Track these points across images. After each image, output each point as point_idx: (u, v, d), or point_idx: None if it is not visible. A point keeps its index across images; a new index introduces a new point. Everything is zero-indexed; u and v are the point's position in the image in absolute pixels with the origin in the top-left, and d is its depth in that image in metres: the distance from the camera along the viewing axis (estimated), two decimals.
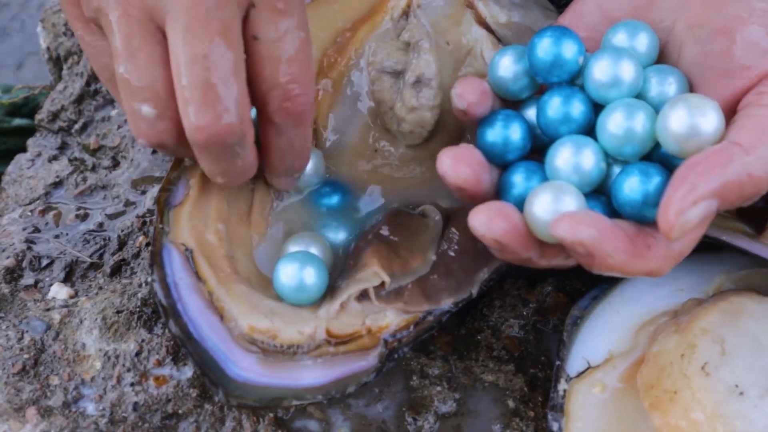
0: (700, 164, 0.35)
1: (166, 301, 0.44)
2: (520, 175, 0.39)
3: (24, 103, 0.70)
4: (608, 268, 0.36)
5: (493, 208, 0.37)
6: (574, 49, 0.39)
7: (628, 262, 0.35)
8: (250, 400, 0.42)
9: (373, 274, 0.44)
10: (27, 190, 0.60)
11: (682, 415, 0.39)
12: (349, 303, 0.44)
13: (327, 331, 0.43)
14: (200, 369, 0.42)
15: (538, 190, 0.37)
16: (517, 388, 0.47)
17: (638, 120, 0.38)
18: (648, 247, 0.36)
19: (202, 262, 0.45)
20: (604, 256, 0.35)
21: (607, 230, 0.35)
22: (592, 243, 0.34)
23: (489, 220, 0.37)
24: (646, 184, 0.37)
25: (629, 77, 0.39)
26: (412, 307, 0.44)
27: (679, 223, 0.34)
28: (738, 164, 0.35)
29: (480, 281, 0.45)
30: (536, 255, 0.38)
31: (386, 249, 0.45)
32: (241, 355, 0.43)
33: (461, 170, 0.39)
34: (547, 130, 0.40)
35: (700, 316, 0.42)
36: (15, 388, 0.47)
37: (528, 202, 0.37)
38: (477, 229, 0.37)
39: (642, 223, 0.38)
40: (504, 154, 0.40)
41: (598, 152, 0.38)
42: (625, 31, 0.40)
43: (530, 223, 0.37)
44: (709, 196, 0.34)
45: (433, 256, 0.46)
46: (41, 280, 0.53)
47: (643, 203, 0.37)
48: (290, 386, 0.42)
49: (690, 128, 0.36)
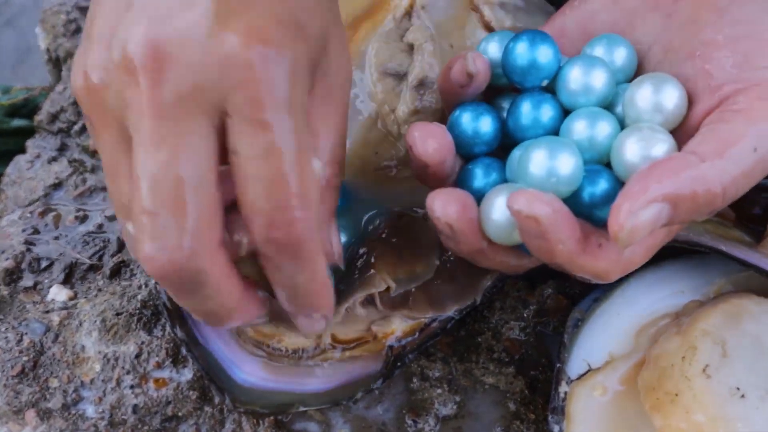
0: (654, 169, 0.34)
1: (171, 305, 0.44)
2: (481, 169, 0.39)
3: (23, 104, 0.70)
4: (558, 256, 0.35)
5: (451, 193, 0.37)
6: (549, 53, 0.39)
7: (577, 255, 0.35)
8: (257, 406, 0.42)
9: (378, 279, 0.44)
10: (26, 191, 0.59)
11: (684, 417, 0.39)
12: (355, 308, 0.44)
13: (332, 337, 0.43)
14: (206, 374, 0.42)
15: (497, 190, 0.37)
16: (518, 391, 0.47)
17: (600, 129, 0.38)
18: (599, 246, 0.36)
19: None
20: (556, 240, 0.34)
21: (563, 214, 0.34)
22: (547, 221, 0.34)
23: (445, 203, 0.36)
24: (594, 185, 0.37)
25: (600, 86, 0.39)
26: (417, 313, 0.44)
27: (628, 225, 0.33)
28: (693, 171, 0.34)
29: (483, 288, 0.45)
30: (487, 249, 0.38)
31: (391, 254, 0.45)
32: (246, 359, 0.43)
33: (429, 145, 0.38)
34: (515, 133, 0.40)
35: (701, 318, 0.42)
36: (14, 390, 0.47)
37: (485, 201, 0.37)
38: (434, 211, 0.37)
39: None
40: (472, 146, 0.40)
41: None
42: (605, 44, 0.40)
43: (484, 222, 0.37)
44: (661, 199, 0.33)
45: (437, 260, 0.46)
46: (40, 281, 0.53)
47: (590, 205, 0.37)
48: (296, 391, 0.42)
49: (642, 159, 0.36)
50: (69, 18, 0.67)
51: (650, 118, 0.38)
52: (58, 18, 0.67)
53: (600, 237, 0.36)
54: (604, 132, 0.38)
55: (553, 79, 0.40)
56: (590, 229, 0.36)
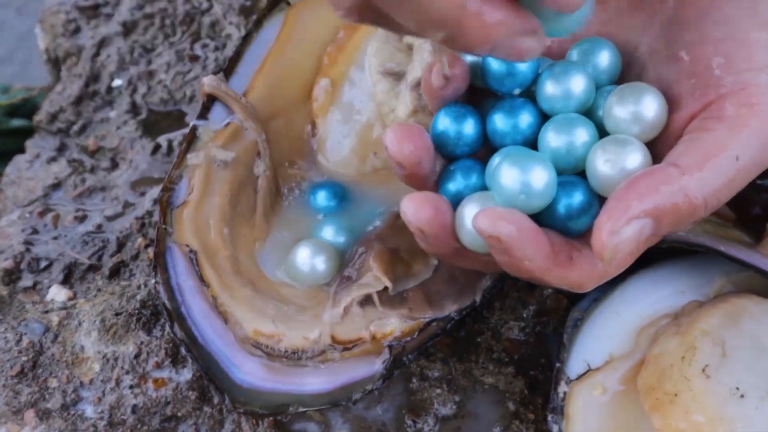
0: (635, 184, 0.34)
1: (170, 304, 0.43)
2: (460, 171, 0.39)
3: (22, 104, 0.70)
4: (526, 271, 0.35)
5: (425, 198, 0.37)
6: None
7: (548, 270, 0.35)
8: (256, 406, 0.42)
9: (375, 278, 0.44)
10: (25, 191, 0.59)
11: (683, 418, 0.39)
12: (352, 308, 0.44)
13: (332, 337, 0.43)
14: (205, 374, 0.42)
15: (471, 198, 0.37)
16: (517, 391, 0.47)
17: (578, 136, 0.38)
18: (569, 258, 0.36)
19: (206, 265, 0.45)
20: (522, 257, 0.34)
21: (528, 231, 0.34)
22: (510, 240, 0.34)
23: (418, 207, 0.37)
24: (569, 197, 0.36)
25: (579, 92, 0.39)
26: (416, 313, 0.44)
27: (611, 243, 0.33)
28: (675, 185, 0.34)
29: (483, 288, 0.45)
30: (459, 253, 0.38)
31: (388, 253, 0.45)
32: (245, 359, 0.43)
33: (405, 146, 0.38)
34: (494, 138, 0.40)
35: (701, 318, 0.42)
36: (13, 390, 0.47)
37: (460, 208, 0.37)
38: (405, 214, 0.37)
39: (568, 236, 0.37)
40: (454, 147, 0.40)
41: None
42: (588, 47, 0.40)
43: (458, 229, 0.37)
44: (643, 216, 0.34)
45: (435, 260, 0.46)
46: (40, 281, 0.53)
47: (566, 217, 0.37)
48: (295, 392, 0.42)
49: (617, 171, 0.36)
50: (68, 18, 0.67)
51: (628, 128, 0.37)
52: (57, 18, 0.67)
53: (572, 250, 0.36)
54: (581, 140, 0.37)
55: (532, 83, 0.40)
56: (561, 242, 0.36)
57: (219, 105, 0.49)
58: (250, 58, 0.51)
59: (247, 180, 0.49)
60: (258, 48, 0.52)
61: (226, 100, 0.49)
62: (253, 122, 0.49)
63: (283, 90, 0.52)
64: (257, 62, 0.51)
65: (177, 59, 0.64)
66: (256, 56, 0.52)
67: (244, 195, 0.48)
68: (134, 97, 0.63)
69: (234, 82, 0.50)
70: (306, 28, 0.53)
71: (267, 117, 0.51)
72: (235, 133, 0.49)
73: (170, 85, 0.63)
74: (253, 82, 0.51)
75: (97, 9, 0.68)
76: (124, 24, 0.66)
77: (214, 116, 0.49)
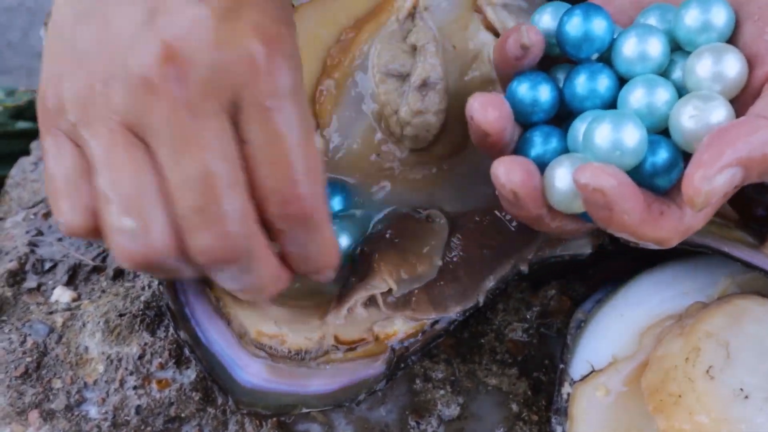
0: (725, 133, 0.35)
1: (174, 305, 0.44)
2: (540, 136, 0.40)
3: (27, 106, 0.70)
4: (623, 226, 0.36)
5: (515, 161, 0.38)
6: (603, 25, 0.40)
7: (641, 224, 0.36)
8: (260, 407, 0.42)
9: (380, 280, 0.44)
10: (30, 193, 0.60)
11: (687, 419, 0.39)
12: (356, 309, 0.44)
13: (335, 338, 0.43)
14: (209, 375, 0.42)
15: (561, 159, 0.38)
16: (521, 392, 0.47)
17: (659, 95, 0.38)
18: (661, 214, 0.36)
19: None
20: (621, 211, 0.35)
21: (627, 185, 0.35)
22: (612, 193, 0.35)
23: (510, 170, 0.37)
24: (655, 155, 0.37)
25: (656, 54, 0.40)
26: (420, 314, 0.44)
27: (705, 190, 0.34)
28: (764, 134, 0.35)
29: (486, 289, 0.45)
30: (547, 215, 0.39)
31: (393, 254, 0.45)
32: (249, 360, 0.43)
33: (490, 113, 0.39)
34: (572, 103, 0.41)
35: (705, 320, 0.42)
36: (17, 391, 0.47)
37: (549, 170, 0.38)
38: (498, 178, 0.38)
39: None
40: (530, 114, 0.41)
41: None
42: (657, 14, 0.41)
43: (547, 190, 0.38)
44: (735, 164, 0.34)
45: (440, 261, 0.46)
46: (44, 283, 0.53)
47: (652, 173, 0.37)
48: (298, 393, 0.42)
49: (701, 126, 0.37)
50: None
51: (710, 88, 0.38)
52: None
53: (661, 205, 0.37)
54: (662, 99, 0.38)
55: (608, 49, 0.41)
56: (651, 197, 0.37)
57: None
58: None
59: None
60: None
61: None
62: None
63: None
64: None
65: None
66: None
67: None
68: None
69: None
70: (310, 30, 0.53)
71: None
72: None
73: None
74: None
75: None
76: None
77: None
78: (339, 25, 0.53)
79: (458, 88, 0.50)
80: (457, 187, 0.50)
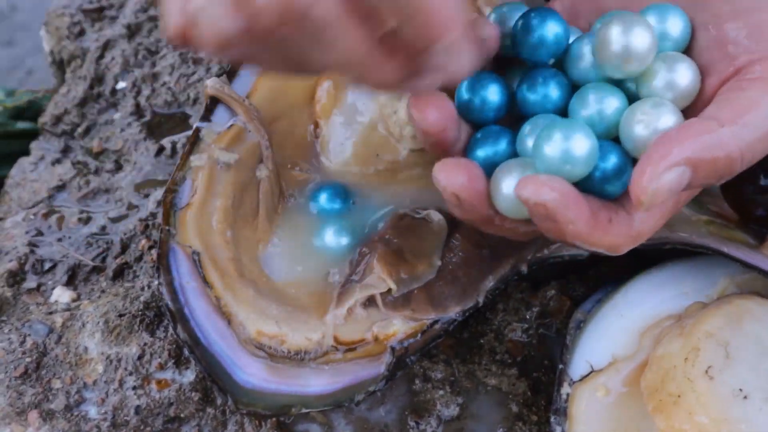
0: (674, 134, 0.35)
1: (173, 306, 0.44)
2: (489, 137, 0.40)
3: (27, 106, 0.70)
4: (570, 235, 0.36)
5: (458, 163, 0.38)
6: (558, 30, 0.40)
7: (589, 232, 0.36)
8: (259, 407, 0.42)
9: (379, 280, 0.44)
10: (30, 193, 0.60)
11: (686, 419, 0.39)
12: (356, 309, 0.44)
13: (334, 338, 0.43)
14: (208, 375, 0.42)
15: (508, 166, 0.38)
16: (520, 392, 0.47)
17: (609, 103, 0.38)
18: (609, 221, 0.36)
19: (209, 266, 0.45)
20: (566, 221, 0.35)
21: (569, 195, 0.35)
22: (554, 206, 0.34)
23: (450, 173, 0.37)
24: (604, 161, 0.37)
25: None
26: (420, 314, 0.44)
27: (651, 188, 0.34)
28: (713, 136, 0.35)
29: (486, 289, 0.45)
30: (497, 217, 0.38)
31: (392, 254, 0.45)
32: (248, 360, 0.43)
33: (429, 114, 0.38)
34: (524, 107, 0.41)
35: (705, 320, 0.42)
36: (17, 391, 0.47)
37: (495, 175, 0.38)
38: (439, 181, 0.37)
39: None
40: (479, 113, 0.41)
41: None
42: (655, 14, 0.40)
43: (494, 195, 0.38)
44: (683, 163, 0.34)
45: (439, 261, 0.46)
46: (44, 283, 0.53)
47: (601, 180, 0.37)
48: (298, 393, 0.42)
49: (651, 132, 0.37)
50: (73, 21, 0.67)
51: (662, 96, 0.38)
52: (63, 20, 0.68)
53: (609, 212, 0.37)
54: (612, 106, 0.38)
55: (563, 54, 0.41)
56: (598, 205, 0.37)
57: (222, 107, 0.49)
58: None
59: (250, 182, 0.49)
60: None
61: (229, 102, 0.49)
62: (256, 124, 0.49)
63: (286, 92, 0.52)
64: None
65: (181, 61, 0.64)
66: None
67: (248, 197, 0.48)
68: (138, 99, 0.63)
69: (237, 85, 0.50)
70: None
71: (270, 119, 0.51)
72: (238, 135, 0.49)
73: (174, 87, 0.63)
74: (256, 84, 0.51)
75: (101, 12, 0.68)
76: (128, 26, 0.66)
77: (217, 118, 0.49)
78: None
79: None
80: None
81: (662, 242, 0.44)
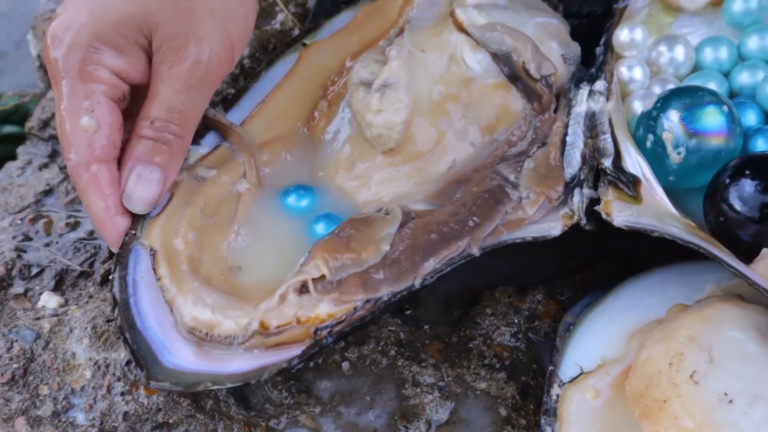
0: None
1: (119, 295, 0.45)
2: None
3: (14, 110, 0.70)
4: None
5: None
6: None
7: None
8: (170, 382, 0.43)
9: (314, 266, 0.44)
10: (17, 198, 0.59)
11: (672, 424, 0.39)
12: (288, 295, 0.45)
13: (261, 323, 0.44)
14: (132, 354, 0.44)
15: None
16: (509, 396, 0.47)
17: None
18: None
19: (162, 261, 0.47)
20: None
21: None
22: None
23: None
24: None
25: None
26: (347, 296, 0.44)
27: None
28: None
29: (425, 273, 0.44)
30: None
31: (334, 242, 0.45)
32: (179, 344, 0.45)
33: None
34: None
35: (686, 324, 0.42)
36: (4, 398, 0.47)
37: None
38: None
39: None
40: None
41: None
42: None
43: None
44: None
45: (387, 246, 0.45)
46: (31, 288, 0.53)
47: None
48: (213, 372, 0.43)
49: None
50: None
51: None
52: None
53: None
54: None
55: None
56: None
57: (213, 133, 0.52)
58: (255, 92, 0.54)
59: (229, 196, 0.50)
60: (265, 84, 0.55)
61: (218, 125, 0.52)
62: (244, 146, 0.52)
63: (284, 119, 0.54)
64: (261, 96, 0.54)
65: None
66: (261, 91, 0.54)
67: (224, 208, 0.50)
68: None
69: (234, 114, 0.53)
70: (318, 67, 0.55)
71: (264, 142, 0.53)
72: (222, 155, 0.51)
73: None
74: (253, 113, 0.54)
75: None
76: None
77: (207, 142, 0.52)
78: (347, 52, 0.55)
79: (428, 88, 0.52)
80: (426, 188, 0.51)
81: (650, 229, 0.44)
